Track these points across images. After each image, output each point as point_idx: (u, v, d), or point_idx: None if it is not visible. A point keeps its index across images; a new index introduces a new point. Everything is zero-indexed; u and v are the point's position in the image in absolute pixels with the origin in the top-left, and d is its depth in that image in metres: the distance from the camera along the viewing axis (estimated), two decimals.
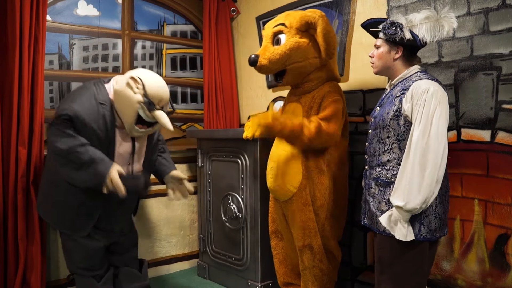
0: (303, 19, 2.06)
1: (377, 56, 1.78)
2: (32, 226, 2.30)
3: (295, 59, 2.08)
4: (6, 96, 2.24)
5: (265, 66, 2.09)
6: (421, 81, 1.61)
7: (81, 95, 1.93)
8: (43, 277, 2.36)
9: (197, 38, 3.40)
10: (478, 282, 1.97)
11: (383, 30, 1.73)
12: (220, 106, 3.31)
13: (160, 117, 1.90)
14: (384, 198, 1.70)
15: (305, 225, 2.10)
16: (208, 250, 2.96)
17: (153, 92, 1.90)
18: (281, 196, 2.16)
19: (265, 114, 1.94)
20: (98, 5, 2.83)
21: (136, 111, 1.90)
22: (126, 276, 2.25)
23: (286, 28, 2.09)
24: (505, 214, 1.87)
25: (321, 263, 2.14)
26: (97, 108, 1.90)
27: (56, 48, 2.67)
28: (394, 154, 1.68)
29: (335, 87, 2.14)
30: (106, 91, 1.98)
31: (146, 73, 1.98)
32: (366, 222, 1.82)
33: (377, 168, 1.74)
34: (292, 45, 2.06)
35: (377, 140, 1.75)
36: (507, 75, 1.86)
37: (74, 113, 1.84)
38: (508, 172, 1.86)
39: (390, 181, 1.68)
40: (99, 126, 1.90)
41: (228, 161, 2.72)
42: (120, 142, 2.00)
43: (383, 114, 1.71)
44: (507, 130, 1.86)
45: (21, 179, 2.24)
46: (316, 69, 2.13)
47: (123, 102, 1.93)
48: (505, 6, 1.85)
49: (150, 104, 1.89)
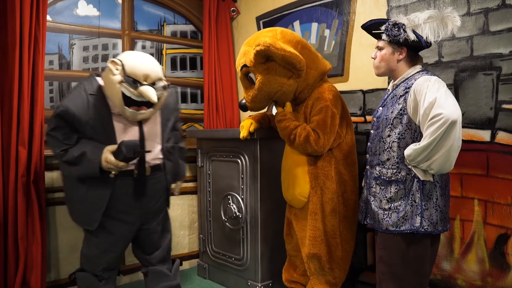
0: (258, 54, 1.99)
1: (380, 58, 1.77)
2: (32, 226, 2.30)
3: (273, 91, 2.08)
4: (6, 96, 2.24)
5: (255, 108, 2.20)
6: (422, 77, 1.62)
7: (72, 92, 2.00)
8: (43, 277, 2.36)
9: (197, 38, 3.40)
10: (478, 282, 1.97)
11: (386, 32, 1.71)
12: (220, 106, 3.31)
13: (143, 91, 1.87)
14: (385, 197, 1.70)
15: (312, 233, 2.10)
16: (208, 250, 2.96)
17: (133, 69, 1.87)
18: (296, 205, 2.18)
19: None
20: (98, 5, 2.83)
21: (119, 92, 1.88)
22: (155, 276, 2.23)
23: (250, 67, 2.08)
24: (505, 214, 1.87)
25: (332, 271, 2.13)
26: (86, 100, 1.92)
27: (56, 48, 2.67)
28: (394, 152, 1.68)
29: (323, 91, 2.08)
30: (96, 82, 2.00)
31: (128, 54, 1.99)
32: (369, 221, 1.81)
33: (377, 167, 1.75)
34: (261, 85, 2.06)
35: (378, 140, 1.76)
36: (507, 75, 1.86)
37: (64, 108, 1.90)
38: (508, 172, 1.86)
39: (390, 180, 1.69)
40: (91, 116, 1.91)
41: (228, 161, 2.72)
42: (122, 129, 1.99)
43: (387, 114, 1.71)
44: (507, 130, 1.86)
45: (21, 179, 2.24)
46: (298, 84, 2.10)
47: (108, 86, 1.93)
48: (505, 6, 1.85)
49: (134, 82, 1.87)
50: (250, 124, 2.37)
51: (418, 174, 1.60)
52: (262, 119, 2.44)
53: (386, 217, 1.70)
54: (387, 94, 1.82)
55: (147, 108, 1.95)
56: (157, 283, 2.21)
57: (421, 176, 1.60)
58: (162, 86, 1.96)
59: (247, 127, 2.36)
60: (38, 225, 2.31)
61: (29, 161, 2.28)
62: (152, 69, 1.92)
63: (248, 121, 2.40)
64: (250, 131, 2.36)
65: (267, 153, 2.39)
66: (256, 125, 2.38)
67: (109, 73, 1.91)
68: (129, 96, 1.89)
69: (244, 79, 2.16)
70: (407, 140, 1.65)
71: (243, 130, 2.37)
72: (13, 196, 2.24)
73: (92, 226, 2.01)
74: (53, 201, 2.60)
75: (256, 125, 2.38)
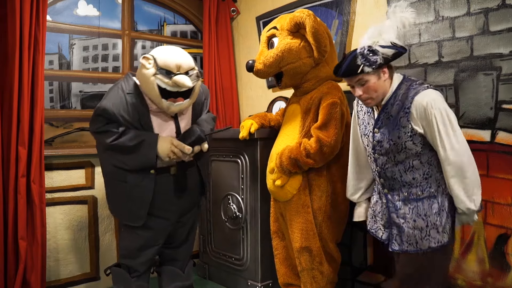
0: (292, 20, 2.09)
1: (371, 90, 1.62)
2: (32, 226, 2.30)
3: (288, 61, 2.11)
4: (6, 96, 2.24)
5: (261, 70, 2.18)
6: (419, 96, 1.57)
7: (110, 92, 2.02)
8: (43, 277, 2.37)
9: (197, 38, 3.40)
10: (478, 282, 1.97)
11: (366, 63, 1.58)
12: (220, 106, 3.31)
13: (177, 80, 1.89)
14: (419, 215, 1.63)
15: (304, 227, 2.10)
16: (208, 250, 2.96)
17: (165, 61, 1.91)
18: (281, 198, 2.17)
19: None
20: (98, 5, 2.83)
21: (155, 84, 1.91)
22: (168, 275, 2.25)
23: (278, 31, 2.15)
24: (505, 214, 1.87)
25: (321, 266, 2.13)
26: (124, 99, 1.96)
27: (56, 48, 2.67)
28: (418, 170, 1.63)
29: (333, 88, 2.12)
30: (132, 80, 2.03)
31: (158, 48, 2.02)
32: (397, 248, 1.69)
33: (402, 189, 1.68)
34: (283, 47, 2.10)
35: (393, 164, 1.68)
36: (507, 75, 1.85)
37: (104, 108, 1.92)
38: (508, 172, 1.86)
39: (421, 197, 1.64)
40: (129, 115, 1.96)
41: (228, 161, 2.72)
42: (160, 126, 2.03)
43: (393, 139, 1.63)
44: (507, 130, 1.86)
45: (21, 179, 2.24)
46: (312, 68, 2.15)
47: (143, 82, 1.96)
48: (505, 6, 1.85)
49: (168, 73, 1.90)
50: (250, 124, 2.37)
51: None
52: (262, 119, 2.44)
53: (425, 236, 1.62)
54: (371, 113, 1.74)
55: (184, 99, 1.98)
56: (171, 283, 2.23)
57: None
58: (195, 74, 1.99)
59: (247, 127, 2.36)
60: (38, 225, 2.31)
61: (29, 161, 2.28)
62: (184, 59, 1.96)
63: (249, 121, 2.40)
64: (250, 132, 2.36)
65: (267, 153, 2.38)
66: (256, 126, 2.38)
67: (143, 68, 1.94)
68: (164, 87, 1.91)
69: (265, 42, 2.21)
70: (428, 154, 1.62)
71: (243, 130, 2.37)
72: (13, 196, 2.24)
73: (138, 222, 2.04)
74: (53, 201, 2.60)
75: (256, 125, 2.38)
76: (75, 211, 2.71)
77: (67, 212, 2.68)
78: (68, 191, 2.68)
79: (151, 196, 2.01)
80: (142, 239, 2.08)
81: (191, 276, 2.33)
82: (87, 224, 2.76)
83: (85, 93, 2.81)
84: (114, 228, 2.87)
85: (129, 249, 2.10)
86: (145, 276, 2.17)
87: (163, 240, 2.17)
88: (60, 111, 2.72)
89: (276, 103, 3.05)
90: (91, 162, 2.76)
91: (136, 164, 1.97)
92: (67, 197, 2.67)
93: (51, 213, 2.59)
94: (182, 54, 1.97)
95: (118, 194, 2.05)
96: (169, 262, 2.27)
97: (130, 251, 2.10)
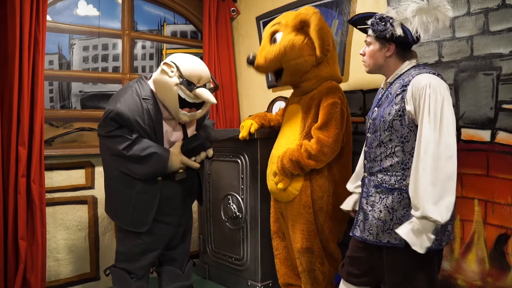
0: (297, 17, 2.09)
1: (368, 54, 1.67)
2: (32, 226, 2.30)
3: (290, 57, 2.09)
4: (6, 96, 2.24)
5: (262, 65, 2.16)
6: (421, 76, 1.50)
7: (123, 94, 1.95)
8: (43, 277, 2.36)
9: (197, 38, 3.40)
10: (478, 282, 1.97)
11: (372, 27, 1.61)
12: (220, 106, 3.31)
13: (201, 94, 1.88)
14: (386, 207, 1.56)
15: (305, 227, 2.09)
16: (208, 250, 2.96)
17: (189, 72, 1.89)
18: (283, 199, 2.17)
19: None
20: (98, 5, 2.83)
21: (176, 94, 1.89)
22: (168, 275, 2.24)
23: (282, 26, 2.13)
24: (505, 214, 1.87)
25: (323, 266, 2.13)
26: (140, 104, 1.92)
27: (56, 48, 2.67)
28: (398, 158, 1.56)
29: (333, 88, 2.11)
30: (148, 86, 1.99)
31: (179, 56, 1.98)
32: (358, 234, 1.66)
33: (378, 175, 1.61)
34: (286, 43, 2.08)
35: (377, 144, 1.63)
36: (507, 75, 1.85)
37: (118, 111, 1.86)
38: (508, 172, 1.86)
39: (393, 188, 1.56)
40: (144, 121, 1.92)
41: (228, 161, 2.72)
42: (170, 133, 2.03)
43: (384, 115, 1.59)
44: (507, 130, 1.86)
45: (21, 179, 2.24)
46: (313, 67, 2.14)
47: (162, 89, 1.93)
48: (505, 6, 1.85)
49: (189, 84, 1.89)
50: (250, 124, 2.37)
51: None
52: (262, 119, 2.44)
53: (387, 229, 1.55)
54: (380, 93, 1.73)
55: (196, 110, 1.98)
56: (171, 283, 2.22)
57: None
58: (213, 88, 2.00)
59: (247, 127, 2.37)
60: (38, 225, 2.31)
61: (29, 161, 2.28)
62: (206, 71, 1.95)
63: (249, 121, 2.40)
64: (250, 132, 2.36)
65: (267, 153, 2.38)
66: (256, 126, 2.38)
67: (164, 75, 1.90)
68: (184, 98, 1.90)
69: (268, 38, 2.19)
70: (412, 143, 1.52)
71: (243, 130, 2.37)
72: (13, 196, 2.24)
73: (142, 229, 2.01)
74: (53, 201, 2.60)
75: (256, 125, 2.38)
76: (75, 211, 2.71)
77: (67, 212, 2.68)
78: (68, 191, 2.68)
79: (157, 202, 1.99)
80: (143, 244, 2.06)
81: (191, 276, 2.32)
82: (87, 224, 2.76)
83: (85, 93, 2.81)
84: (114, 228, 2.87)
85: (129, 253, 2.08)
86: (144, 276, 2.17)
87: (164, 244, 2.16)
88: (60, 111, 2.72)
89: (276, 103, 3.05)
90: (91, 162, 2.76)
91: (144, 175, 1.94)
92: (67, 197, 2.67)
93: (51, 213, 2.60)
94: (204, 66, 1.97)
95: (123, 200, 2.01)
96: (168, 262, 2.26)
97: (129, 256, 2.08)
